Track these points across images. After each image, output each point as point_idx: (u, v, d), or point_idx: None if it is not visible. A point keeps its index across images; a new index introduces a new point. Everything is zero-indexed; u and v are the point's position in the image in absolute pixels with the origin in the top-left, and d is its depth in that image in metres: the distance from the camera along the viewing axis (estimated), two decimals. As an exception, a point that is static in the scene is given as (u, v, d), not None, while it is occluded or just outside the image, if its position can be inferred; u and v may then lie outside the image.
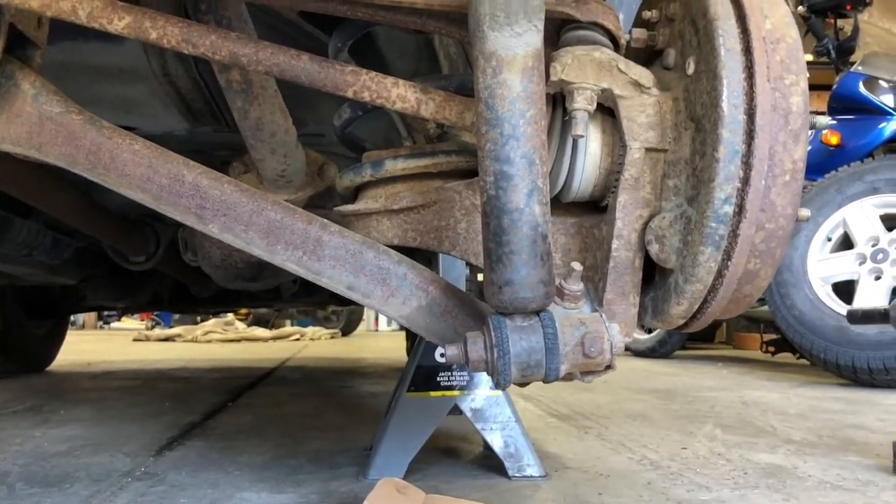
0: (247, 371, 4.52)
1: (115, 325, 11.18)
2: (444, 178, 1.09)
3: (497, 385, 0.85)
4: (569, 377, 0.88)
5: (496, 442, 1.77)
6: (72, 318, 9.80)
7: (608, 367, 0.86)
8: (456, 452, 2.01)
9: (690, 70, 0.89)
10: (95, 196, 2.09)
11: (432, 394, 1.78)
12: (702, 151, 0.86)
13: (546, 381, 0.85)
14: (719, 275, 0.87)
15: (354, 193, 1.19)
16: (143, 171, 1.00)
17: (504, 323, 0.84)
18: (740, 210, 0.84)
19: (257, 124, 1.27)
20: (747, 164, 0.83)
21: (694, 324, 0.95)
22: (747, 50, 0.84)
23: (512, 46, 0.79)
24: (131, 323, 10.85)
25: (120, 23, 0.91)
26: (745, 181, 0.83)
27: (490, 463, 1.82)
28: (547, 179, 0.84)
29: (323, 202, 1.62)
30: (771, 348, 5.74)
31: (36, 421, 2.50)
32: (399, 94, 0.95)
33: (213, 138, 1.93)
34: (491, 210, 0.83)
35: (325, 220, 1.01)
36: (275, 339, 8.77)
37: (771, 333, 5.84)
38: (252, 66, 0.93)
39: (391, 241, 1.08)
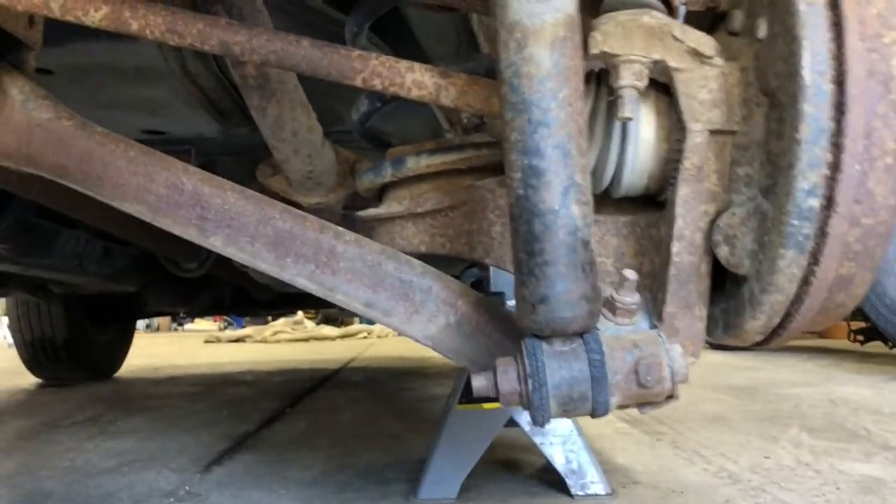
0: (310, 373, 4.47)
1: (188, 326, 11.41)
2: (476, 176, 0.95)
3: (535, 422, 0.71)
4: (622, 407, 0.74)
5: (557, 457, 1.62)
6: (147, 320, 10.06)
7: (669, 398, 0.71)
8: (515, 466, 1.87)
9: (761, 33, 0.72)
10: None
11: (485, 406, 1.65)
12: (778, 132, 0.70)
13: (594, 416, 0.71)
14: (804, 282, 0.70)
15: (379, 196, 1.06)
16: (138, 179, 0.90)
17: (540, 348, 0.70)
18: (829, 203, 0.67)
19: (276, 122, 1.16)
20: (837, 146, 0.66)
21: (775, 340, 0.79)
22: (833, 2, 0.67)
23: (538, 13, 0.64)
24: (204, 324, 11.04)
25: (96, 14, 0.80)
26: (835, 167, 0.66)
27: (552, 478, 1.67)
28: (587, 174, 0.69)
29: (365, 204, 1.51)
30: (860, 337, 5.42)
31: (92, 432, 2.47)
32: (415, 80, 0.82)
33: (251, 140, 1.84)
34: (520, 213, 0.69)
35: (340, 229, 0.88)
36: (342, 336, 8.77)
37: (859, 322, 5.49)
38: (246, 56, 0.82)
39: (418, 249, 0.96)
